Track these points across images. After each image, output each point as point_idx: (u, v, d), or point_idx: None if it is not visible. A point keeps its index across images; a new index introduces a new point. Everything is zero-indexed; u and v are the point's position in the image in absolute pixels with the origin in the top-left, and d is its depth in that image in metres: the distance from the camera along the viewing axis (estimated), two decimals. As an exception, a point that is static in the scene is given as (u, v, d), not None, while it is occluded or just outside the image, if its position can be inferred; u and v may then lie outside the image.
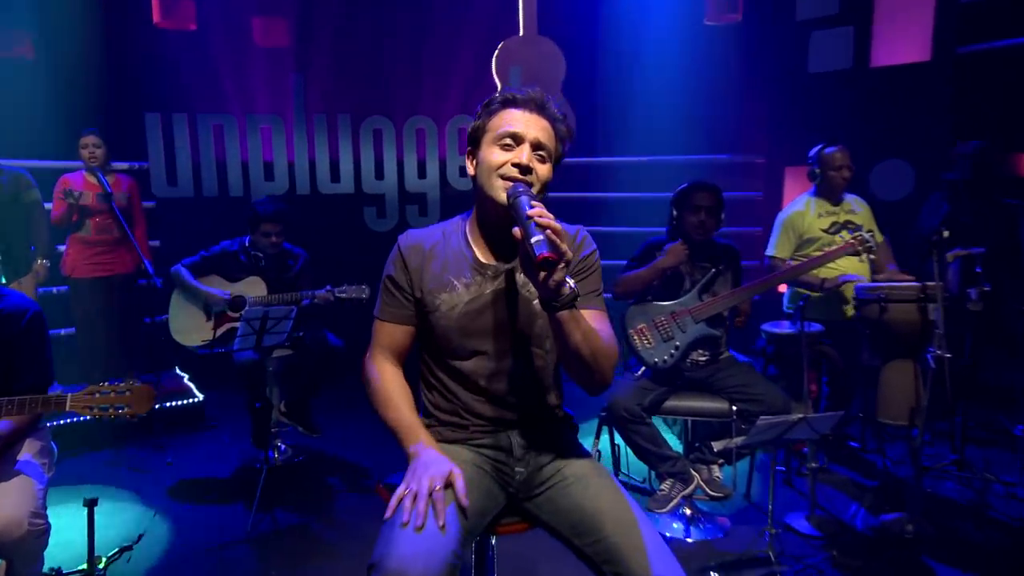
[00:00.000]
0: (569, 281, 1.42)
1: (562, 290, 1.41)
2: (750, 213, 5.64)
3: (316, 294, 3.58)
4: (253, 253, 3.74)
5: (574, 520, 1.55)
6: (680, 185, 3.11)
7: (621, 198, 5.90)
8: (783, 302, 3.94)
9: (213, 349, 3.62)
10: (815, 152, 3.69)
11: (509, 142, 1.58)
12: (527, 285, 1.62)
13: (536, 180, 1.58)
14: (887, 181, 4.95)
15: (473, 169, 1.66)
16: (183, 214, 5.03)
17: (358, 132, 5.33)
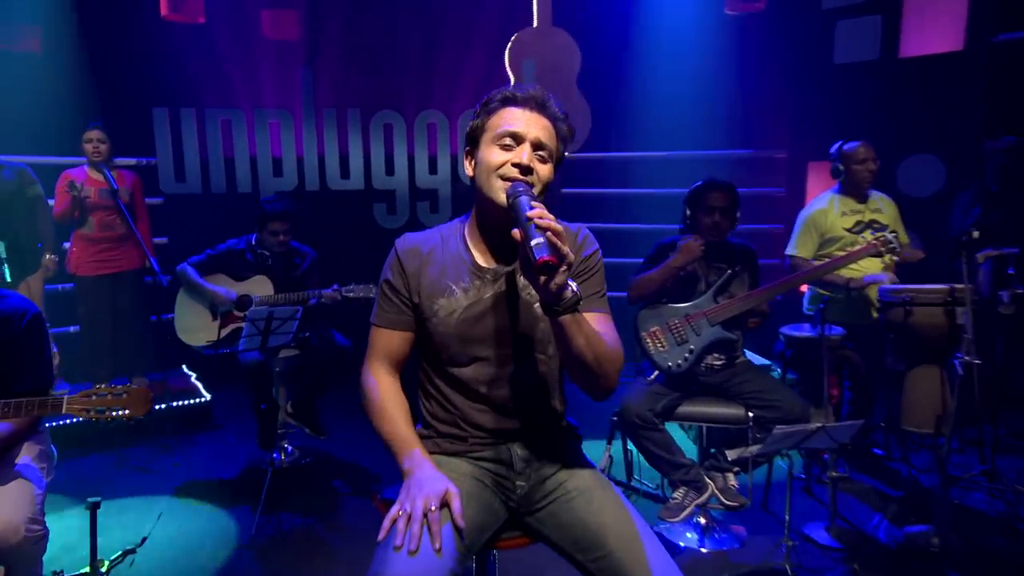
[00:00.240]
0: (571, 284, 1.39)
1: (564, 294, 1.38)
2: (771, 210, 5.54)
3: (323, 293, 3.57)
4: (260, 252, 3.72)
5: (577, 535, 1.53)
6: (694, 184, 3.03)
7: (638, 194, 5.79)
8: (803, 303, 3.85)
9: (218, 350, 3.62)
10: (836, 148, 3.63)
11: (509, 142, 1.55)
12: (528, 288, 1.59)
13: (537, 181, 1.54)
14: (916, 177, 4.84)
15: (472, 170, 1.63)
16: (191, 211, 5.02)
17: (368, 127, 5.27)
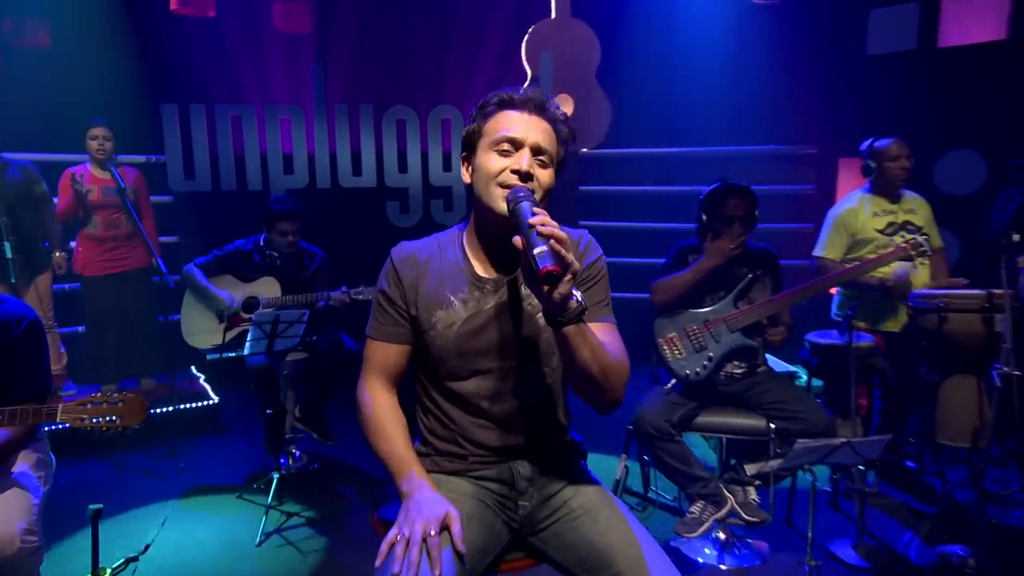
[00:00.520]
0: (576, 294, 1.34)
1: (569, 304, 1.33)
2: (800, 208, 5.39)
3: (332, 295, 3.53)
4: (268, 252, 3.67)
5: (583, 555, 1.50)
6: (709, 186, 2.89)
7: (661, 192, 5.71)
8: (831, 308, 3.68)
9: (223, 353, 3.57)
10: (867, 145, 3.49)
11: (507, 147, 1.49)
12: (530, 297, 1.55)
13: (538, 187, 1.49)
14: (955, 174, 4.66)
15: (469, 176, 1.57)
16: (201, 209, 4.97)
17: (380, 123, 5.17)
